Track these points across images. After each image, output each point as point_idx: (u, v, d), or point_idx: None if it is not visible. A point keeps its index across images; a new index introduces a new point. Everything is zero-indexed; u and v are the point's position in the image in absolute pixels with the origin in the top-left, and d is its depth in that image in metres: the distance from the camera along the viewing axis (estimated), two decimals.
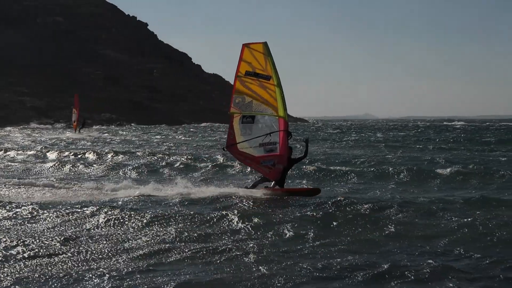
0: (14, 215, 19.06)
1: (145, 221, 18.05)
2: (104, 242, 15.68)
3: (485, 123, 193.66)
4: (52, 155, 44.59)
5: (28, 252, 14.56)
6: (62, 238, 15.83)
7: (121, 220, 18.21)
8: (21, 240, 15.48)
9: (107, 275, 12.80)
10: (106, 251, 14.73)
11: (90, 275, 12.79)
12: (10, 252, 14.57)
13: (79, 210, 19.62)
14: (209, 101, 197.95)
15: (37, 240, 15.61)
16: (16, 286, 12.19)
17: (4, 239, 15.57)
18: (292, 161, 23.84)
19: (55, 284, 12.30)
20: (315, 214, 18.85)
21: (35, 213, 19.35)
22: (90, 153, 44.40)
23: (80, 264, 13.66)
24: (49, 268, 13.33)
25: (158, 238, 16.10)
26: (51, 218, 18.63)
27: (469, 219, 17.97)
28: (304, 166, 31.74)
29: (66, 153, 45.13)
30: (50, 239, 15.80)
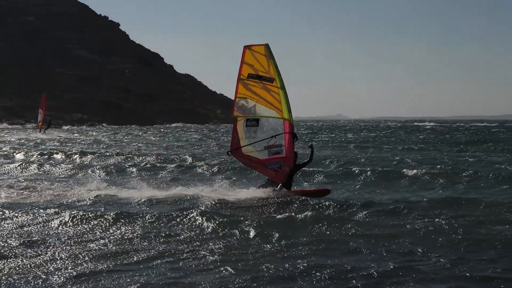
0: None
1: (110, 221, 17.90)
2: (69, 242, 15.54)
3: (456, 123, 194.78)
4: (18, 155, 44.06)
5: None
6: (26, 239, 15.67)
7: (86, 221, 18.02)
8: None
9: (72, 276, 12.70)
10: (71, 251, 14.59)
11: (56, 276, 12.66)
12: None
13: (43, 211, 19.42)
14: (181, 101, 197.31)
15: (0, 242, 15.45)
16: None
17: None
18: (298, 166, 23.68)
19: (20, 286, 12.18)
20: (280, 214, 18.83)
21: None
22: (58, 153, 44.00)
23: (44, 265, 13.51)
24: (13, 270, 13.17)
25: (123, 238, 16.00)
26: (15, 219, 18.44)
27: (434, 219, 18.06)
28: None
29: (33, 153, 44.64)
30: (14, 240, 15.64)
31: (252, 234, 16.24)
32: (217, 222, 17.56)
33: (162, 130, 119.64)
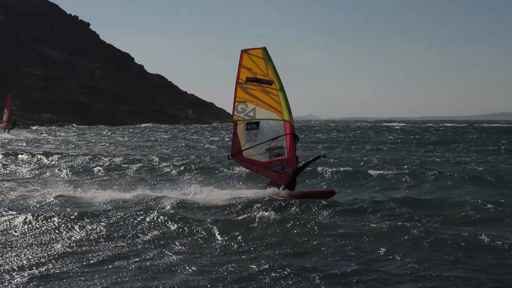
0: None
1: (74, 222, 17.69)
2: (32, 244, 15.39)
3: (426, 124, 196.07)
4: None
5: None
6: None
7: (50, 222, 17.80)
8: None
9: (35, 277, 12.58)
10: (34, 253, 14.43)
11: (19, 278, 12.55)
12: None
13: (6, 212, 19.21)
14: (152, 102, 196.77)
15: None
16: None
17: None
18: (298, 169, 23.58)
19: None
20: (245, 214, 18.78)
21: None
22: (23, 154, 43.56)
23: (7, 267, 13.37)
24: None
25: (87, 239, 15.89)
26: None
27: (399, 219, 18.24)
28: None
29: None
30: None
31: (216, 234, 16.18)
32: (181, 222, 17.47)
33: (131, 130, 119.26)
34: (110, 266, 13.36)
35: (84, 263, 13.58)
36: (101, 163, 37.01)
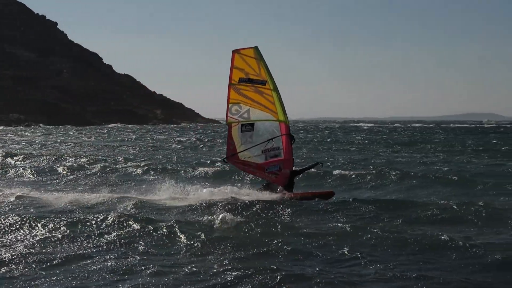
0: None
1: (32, 224, 17.39)
2: None
3: (394, 124, 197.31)
4: None
5: None
6: None
7: (7, 223, 17.55)
8: None
9: None
10: None
11: None
12: None
13: None
14: (120, 102, 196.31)
15: None
16: None
17: None
18: (296, 171, 23.46)
19: None
20: (207, 215, 18.58)
21: None
22: None
23: None
24: None
25: (46, 241, 15.67)
26: None
27: (363, 220, 18.23)
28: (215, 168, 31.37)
29: None
30: None
31: (180, 234, 16.00)
32: (145, 223, 17.29)
33: (98, 130, 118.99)
34: (72, 267, 13.22)
35: (46, 264, 13.41)
36: (65, 164, 36.71)
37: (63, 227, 16.92)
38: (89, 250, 14.70)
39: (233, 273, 12.56)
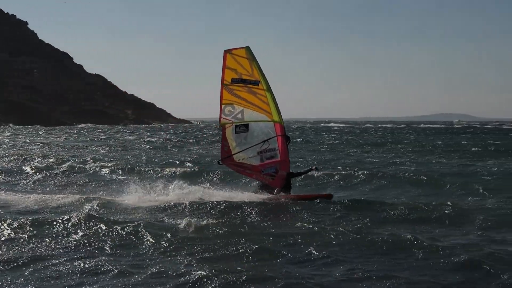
0: None
1: None
2: None
3: (365, 124, 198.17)
4: None
5: None
6: None
7: None
8: None
9: None
10: None
11: None
12: None
13: None
14: (91, 102, 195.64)
15: None
16: None
17: None
18: (292, 173, 23.23)
19: None
20: (171, 217, 18.55)
21: None
22: None
23: None
24: None
25: (6, 243, 15.41)
26: None
27: (330, 220, 18.23)
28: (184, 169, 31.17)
29: None
30: None
31: (145, 235, 15.86)
32: (110, 223, 17.17)
33: (68, 130, 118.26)
34: (39, 267, 13.10)
35: (13, 265, 13.29)
36: (34, 164, 36.31)
37: (29, 228, 16.73)
38: (56, 251, 14.56)
39: (198, 273, 12.46)
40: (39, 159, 39.35)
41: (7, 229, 16.69)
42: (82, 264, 13.30)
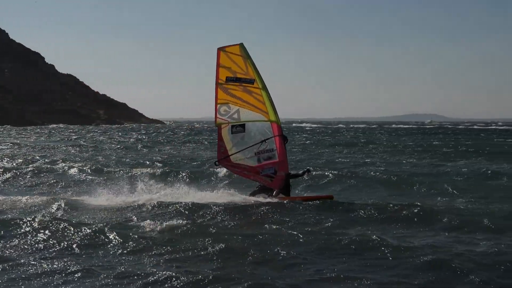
0: None
1: None
2: None
3: (338, 124, 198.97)
4: None
5: None
6: None
7: None
8: None
9: None
10: None
11: None
12: None
13: None
14: (63, 102, 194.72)
15: None
16: None
17: None
18: (290, 174, 22.92)
19: None
20: (140, 219, 18.39)
21: None
22: None
23: None
24: None
25: None
26: None
27: (300, 220, 18.14)
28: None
29: None
30: None
31: (111, 236, 15.72)
32: (77, 224, 17.00)
33: (39, 130, 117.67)
34: (3, 269, 12.99)
35: None
36: (1, 164, 35.96)
37: None
38: (23, 252, 14.51)
39: (166, 273, 12.43)
40: (7, 159, 39.12)
41: None
42: (49, 265, 13.23)
